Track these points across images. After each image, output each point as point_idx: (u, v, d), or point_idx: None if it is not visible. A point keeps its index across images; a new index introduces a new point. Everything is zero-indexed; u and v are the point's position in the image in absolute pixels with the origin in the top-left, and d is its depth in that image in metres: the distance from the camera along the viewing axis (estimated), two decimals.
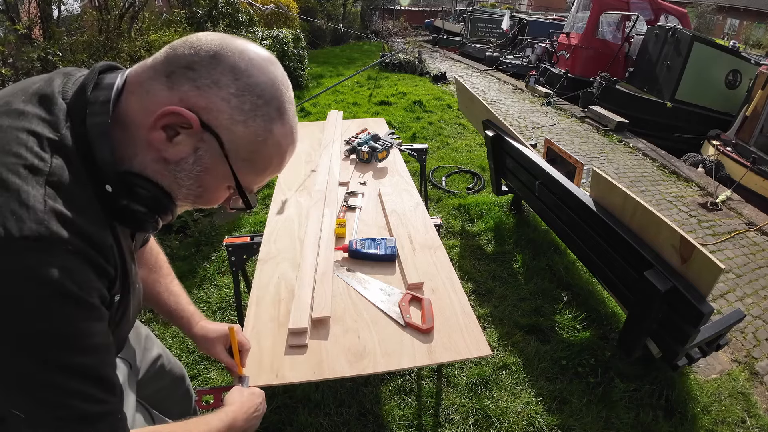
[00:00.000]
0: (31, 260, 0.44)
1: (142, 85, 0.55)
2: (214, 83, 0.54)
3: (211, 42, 0.55)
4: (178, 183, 0.59)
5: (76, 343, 0.48)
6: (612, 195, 1.95)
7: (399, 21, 15.18)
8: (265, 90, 0.56)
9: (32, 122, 0.50)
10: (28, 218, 0.44)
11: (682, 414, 1.91)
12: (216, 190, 0.63)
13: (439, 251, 1.45)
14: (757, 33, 22.09)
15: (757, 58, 8.20)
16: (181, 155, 0.56)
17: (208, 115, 0.54)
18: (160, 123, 0.54)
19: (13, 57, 3.10)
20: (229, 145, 0.57)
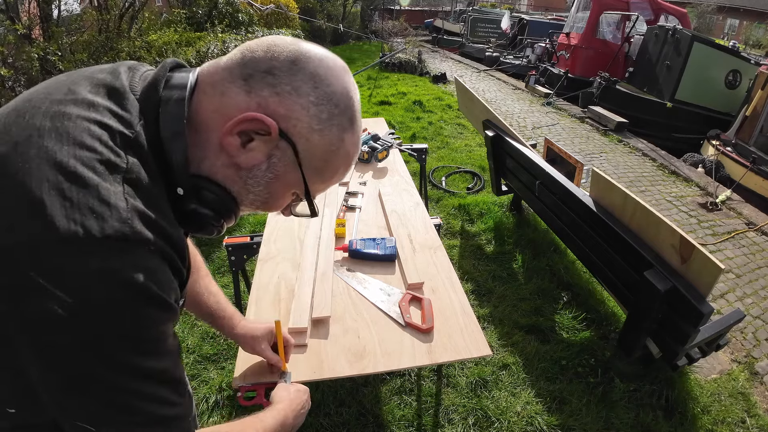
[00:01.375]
0: (115, 262, 0.42)
1: (215, 86, 0.53)
2: (294, 90, 0.52)
3: (290, 47, 0.54)
4: (247, 189, 0.57)
5: (156, 347, 0.47)
6: (612, 195, 1.95)
7: (399, 21, 15.18)
8: (341, 99, 0.55)
9: (104, 115, 0.48)
10: (110, 217, 0.42)
11: (682, 414, 1.92)
12: (282, 197, 0.61)
13: (439, 251, 1.45)
14: (757, 33, 22.10)
15: (757, 58, 8.20)
16: (254, 162, 0.55)
17: (286, 123, 0.53)
18: (237, 128, 0.52)
19: (13, 57, 3.10)
20: (303, 153, 0.55)
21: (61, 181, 0.41)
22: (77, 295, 0.40)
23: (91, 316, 0.41)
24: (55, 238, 0.39)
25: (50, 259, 0.40)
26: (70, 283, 0.40)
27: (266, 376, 0.98)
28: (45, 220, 0.40)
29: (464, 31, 15.18)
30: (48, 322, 0.40)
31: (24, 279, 0.39)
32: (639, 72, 7.51)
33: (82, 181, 0.42)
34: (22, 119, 0.45)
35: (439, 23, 17.62)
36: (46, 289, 0.39)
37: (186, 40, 4.02)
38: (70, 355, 0.42)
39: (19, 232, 0.40)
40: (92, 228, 0.41)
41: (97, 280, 0.41)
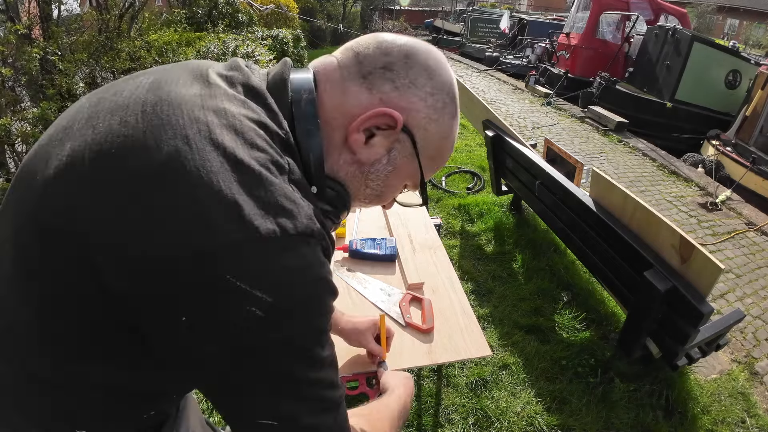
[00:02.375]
0: (307, 258, 0.43)
1: (335, 84, 0.54)
2: (412, 83, 0.53)
3: (399, 41, 0.55)
4: (366, 184, 0.58)
5: (329, 335, 0.49)
6: (612, 195, 1.95)
7: (399, 21, 15.20)
8: (450, 88, 0.57)
9: (260, 115, 0.48)
10: (298, 214, 0.43)
11: (681, 414, 1.92)
12: (396, 189, 0.63)
13: (439, 251, 1.45)
14: (757, 33, 22.11)
15: (757, 58, 8.20)
16: (375, 157, 0.55)
17: (407, 116, 0.54)
18: (365, 125, 0.52)
19: (13, 57, 3.10)
20: (421, 143, 0.56)
21: (248, 181, 0.41)
22: (277, 293, 0.41)
23: (288, 313, 0.42)
24: (256, 239, 0.39)
25: (250, 261, 0.39)
26: (270, 282, 0.40)
27: (365, 366, 1.02)
28: (244, 222, 0.39)
29: (464, 31, 15.19)
30: (246, 325, 0.40)
31: (221, 283, 0.38)
32: (639, 72, 7.51)
33: (267, 181, 0.42)
34: (169, 110, 0.43)
35: (439, 23, 17.64)
36: (246, 291, 0.39)
37: (186, 40, 4.03)
38: (267, 355, 0.43)
39: (219, 235, 0.38)
40: (287, 226, 0.41)
41: (294, 277, 0.42)
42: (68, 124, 0.46)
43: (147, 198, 0.39)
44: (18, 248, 0.44)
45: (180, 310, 0.40)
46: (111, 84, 0.52)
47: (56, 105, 2.62)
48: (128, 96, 0.46)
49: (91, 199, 0.40)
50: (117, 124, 0.42)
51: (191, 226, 0.38)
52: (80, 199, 0.40)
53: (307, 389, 0.46)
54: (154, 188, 0.39)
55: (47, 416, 0.49)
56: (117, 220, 0.39)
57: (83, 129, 0.44)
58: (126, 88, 0.48)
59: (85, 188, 0.40)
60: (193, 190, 0.39)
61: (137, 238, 0.39)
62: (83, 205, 0.40)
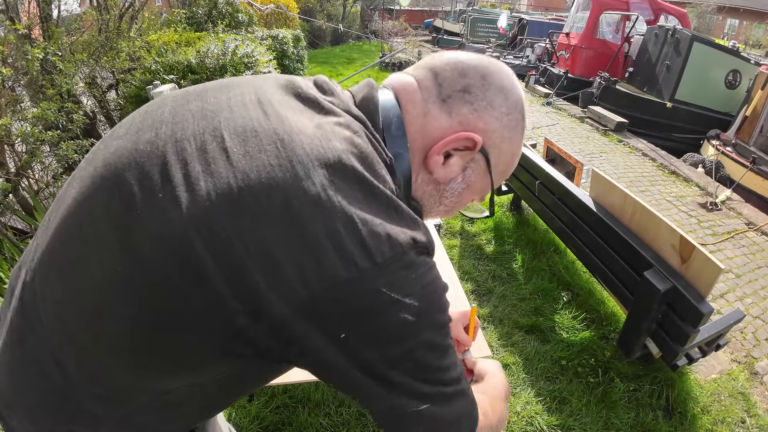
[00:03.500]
0: (430, 262, 0.49)
1: (416, 106, 0.55)
2: (489, 104, 0.55)
3: (475, 62, 0.56)
4: (441, 201, 0.60)
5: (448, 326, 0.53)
6: (612, 195, 1.95)
7: (399, 21, 15.20)
8: (522, 105, 0.58)
9: (373, 142, 0.50)
10: (421, 228, 0.49)
11: (681, 414, 1.92)
12: (466, 204, 0.65)
13: (439, 251, 1.45)
14: (757, 33, 22.11)
15: (757, 58, 8.19)
16: (452, 176, 0.58)
17: (484, 137, 0.55)
18: (447, 148, 0.54)
19: (13, 57, 3.10)
20: (494, 161, 0.58)
21: (384, 206, 0.46)
22: (422, 298, 0.46)
23: (430, 314, 0.48)
24: (401, 254, 0.44)
25: (399, 273, 0.44)
26: (415, 289, 0.45)
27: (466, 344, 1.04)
28: (390, 242, 0.44)
29: (464, 31, 15.18)
30: (402, 330, 0.45)
31: (379, 296, 0.43)
32: (639, 72, 7.52)
33: (395, 204, 0.47)
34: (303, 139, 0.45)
35: (439, 23, 17.62)
36: (399, 300, 0.44)
37: (186, 40, 4.02)
38: (416, 353, 0.47)
39: (375, 255, 0.42)
40: (419, 239, 0.47)
41: (428, 281, 0.48)
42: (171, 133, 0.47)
43: (306, 230, 0.42)
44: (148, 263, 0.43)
45: (342, 326, 0.43)
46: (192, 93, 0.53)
47: (56, 105, 2.62)
48: (247, 117, 0.47)
49: (250, 232, 0.41)
50: (256, 151, 0.44)
51: (352, 250, 0.42)
52: (237, 232, 0.41)
53: (446, 374, 0.51)
54: (309, 220, 0.42)
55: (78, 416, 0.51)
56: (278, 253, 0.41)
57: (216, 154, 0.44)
58: (232, 106, 0.49)
59: (243, 220, 0.41)
60: (349, 219, 0.42)
61: (300, 268, 0.41)
62: (241, 238, 0.41)
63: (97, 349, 0.47)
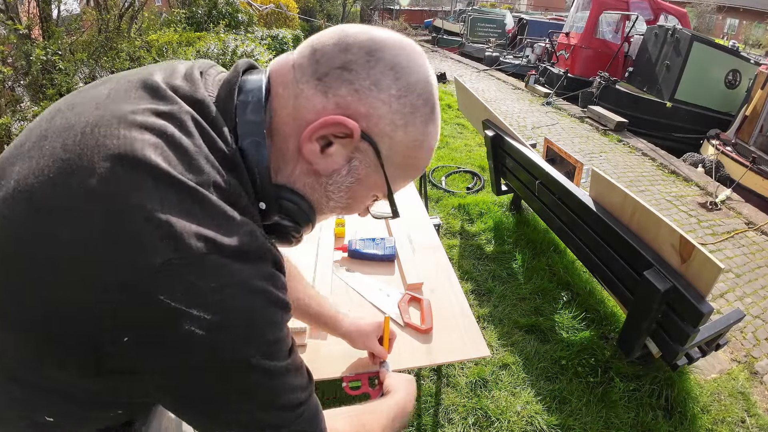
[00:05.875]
0: (244, 273, 0.42)
1: (288, 87, 0.50)
2: (374, 85, 0.48)
3: (362, 36, 0.49)
4: (328, 196, 0.54)
5: (284, 345, 0.49)
6: (611, 195, 1.95)
7: (398, 21, 15.20)
8: (423, 88, 0.50)
9: (204, 132, 0.46)
10: (234, 232, 0.43)
11: (681, 414, 1.92)
12: (364, 200, 0.59)
13: (439, 251, 1.45)
14: (757, 33, 22.12)
15: (757, 58, 8.20)
16: (334, 167, 0.51)
17: (367, 122, 0.49)
18: (317, 134, 0.48)
19: (13, 57, 3.10)
20: (386, 152, 0.51)
21: (181, 201, 0.40)
22: (215, 311, 0.40)
23: (231, 329, 0.41)
24: (189, 258, 0.39)
25: (183, 280, 0.39)
26: (206, 300, 0.40)
27: (367, 367, 1.03)
28: (176, 242, 0.39)
29: (464, 31, 15.18)
30: (189, 344, 0.40)
31: (156, 303, 0.38)
32: (638, 72, 7.51)
33: (200, 200, 0.42)
34: (107, 131, 0.42)
35: (439, 23, 17.63)
36: (182, 311, 0.39)
37: (186, 40, 4.03)
38: (217, 371, 0.42)
39: (152, 256, 0.38)
40: (221, 244, 0.41)
41: (231, 293, 0.41)
42: (24, 140, 0.46)
43: (85, 223, 0.39)
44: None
45: (122, 329, 0.39)
46: (75, 93, 0.51)
47: None
48: (79, 112, 0.45)
49: (33, 226, 0.39)
50: (60, 147, 0.42)
51: (125, 248, 0.38)
52: (24, 228, 0.40)
53: (264, 398, 0.47)
54: (88, 213, 0.39)
55: (25, 406, 0.50)
56: (59, 246, 0.39)
57: (32, 150, 0.43)
58: (82, 102, 0.47)
59: (29, 217, 0.40)
60: (126, 212, 0.38)
61: (78, 263, 0.38)
62: (26, 235, 0.40)
63: None
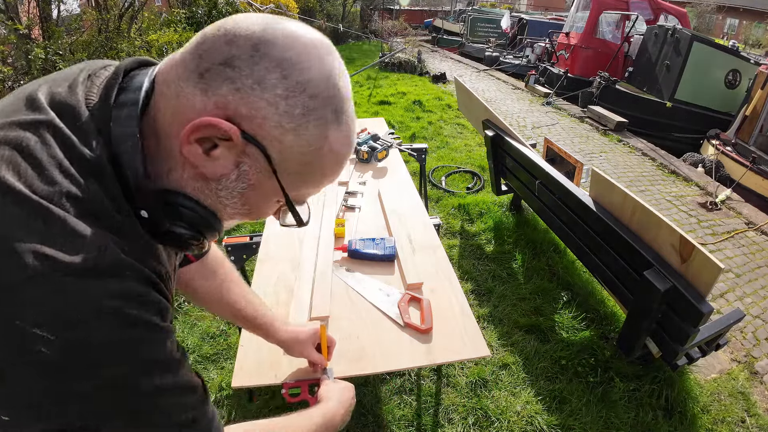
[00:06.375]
0: (91, 291, 0.40)
1: (170, 85, 0.46)
2: (257, 83, 0.44)
3: (252, 28, 0.45)
4: (221, 201, 0.51)
5: (156, 364, 0.46)
6: (611, 195, 1.95)
7: (398, 21, 15.20)
8: (320, 87, 0.46)
9: (65, 140, 0.43)
10: (81, 248, 0.40)
11: (681, 413, 1.92)
12: (265, 206, 0.55)
13: (439, 251, 1.45)
14: (757, 33, 22.12)
15: (757, 58, 8.20)
16: (221, 171, 0.48)
17: (251, 124, 0.45)
18: (194, 136, 0.45)
19: (13, 56, 3.10)
20: (277, 157, 0.48)
21: (25, 216, 0.38)
22: (63, 331, 0.38)
23: (85, 349, 0.39)
24: (29, 277, 0.37)
25: (25, 299, 0.37)
26: (53, 321, 0.38)
27: (309, 373, 1.01)
28: (16, 260, 0.37)
29: (464, 31, 15.18)
30: (41, 365, 0.38)
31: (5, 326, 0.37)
32: (638, 72, 7.51)
33: (45, 214, 0.39)
34: None
35: (439, 23, 17.63)
36: (25, 330, 0.37)
37: (186, 40, 4.03)
38: (82, 393, 0.40)
39: None
40: (61, 261, 0.38)
41: (81, 313, 0.39)
42: None
43: None
44: None
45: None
46: None
47: None
48: None
49: None
50: None
51: None
52: None
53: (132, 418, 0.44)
54: None
55: None
56: None
57: None
58: None
59: None
60: None
61: None
62: None
63: None
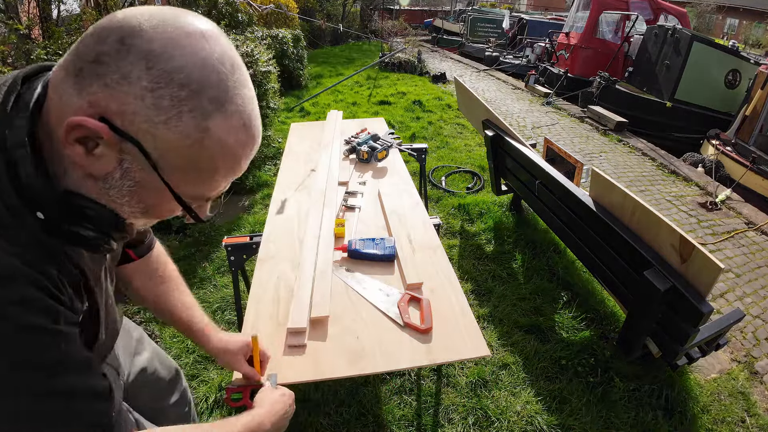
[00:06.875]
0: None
1: (56, 88, 0.47)
2: (123, 77, 0.43)
3: (121, 21, 0.44)
4: (114, 200, 0.51)
5: (51, 369, 0.47)
6: (611, 195, 1.95)
7: (398, 21, 15.20)
8: (191, 76, 0.45)
9: None
10: None
11: (681, 413, 1.92)
12: (162, 204, 0.54)
13: (439, 251, 1.45)
14: (757, 33, 22.12)
15: (757, 58, 8.19)
16: (105, 169, 0.48)
17: (122, 120, 0.45)
18: (70, 137, 0.45)
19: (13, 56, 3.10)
20: (154, 152, 0.47)
21: None
22: None
23: None
24: None
25: None
26: None
27: (252, 379, 0.98)
28: None
29: (464, 31, 15.17)
30: None
31: None
32: (638, 72, 7.51)
33: None
34: None
35: (439, 23, 17.62)
36: None
37: None
38: None
39: None
40: None
41: None
42: None
43: None
44: None
45: None
46: None
47: None
48: None
49: None
50: None
51: None
52: None
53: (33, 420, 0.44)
54: None
55: None
56: None
57: None
58: None
59: None
60: None
61: None
62: None
63: None
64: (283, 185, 1.85)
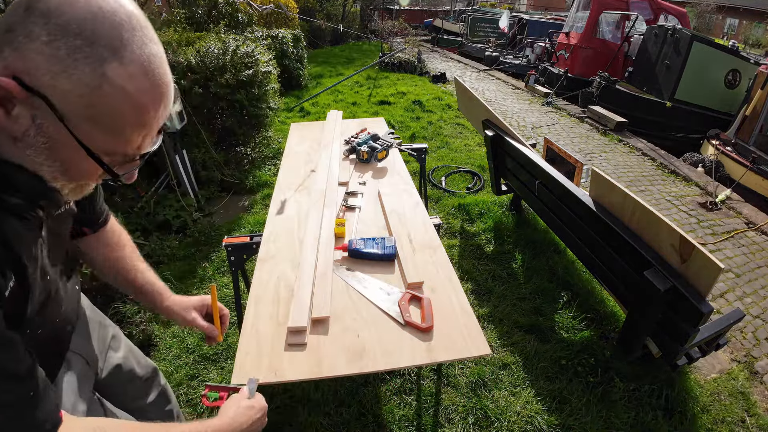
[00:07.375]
0: None
1: None
2: (26, 37, 0.47)
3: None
4: (33, 160, 0.53)
5: None
6: (611, 194, 1.95)
7: (398, 21, 15.20)
8: (84, 26, 0.48)
9: None
10: None
11: (681, 413, 1.92)
12: (78, 162, 0.55)
13: (439, 251, 1.45)
14: (757, 33, 22.12)
15: (757, 58, 8.19)
16: (22, 129, 0.51)
17: (29, 77, 0.48)
18: None
19: None
20: (59, 104, 0.49)
21: None
22: None
23: None
24: None
25: None
26: None
27: (235, 381, 0.96)
28: None
29: (464, 31, 15.18)
30: None
31: None
32: (638, 72, 7.51)
33: None
34: None
35: (439, 23, 17.62)
36: None
37: (186, 40, 4.02)
38: None
39: None
40: None
41: None
42: None
43: None
44: None
45: None
46: None
47: None
48: None
49: None
50: None
51: None
52: None
53: None
54: None
55: None
56: None
57: None
58: None
59: None
60: None
61: None
62: None
63: None
64: (283, 185, 1.85)
